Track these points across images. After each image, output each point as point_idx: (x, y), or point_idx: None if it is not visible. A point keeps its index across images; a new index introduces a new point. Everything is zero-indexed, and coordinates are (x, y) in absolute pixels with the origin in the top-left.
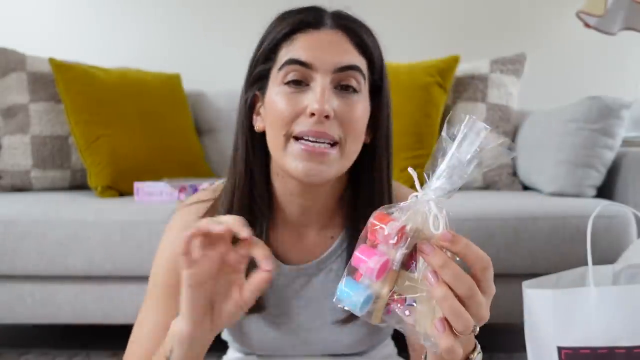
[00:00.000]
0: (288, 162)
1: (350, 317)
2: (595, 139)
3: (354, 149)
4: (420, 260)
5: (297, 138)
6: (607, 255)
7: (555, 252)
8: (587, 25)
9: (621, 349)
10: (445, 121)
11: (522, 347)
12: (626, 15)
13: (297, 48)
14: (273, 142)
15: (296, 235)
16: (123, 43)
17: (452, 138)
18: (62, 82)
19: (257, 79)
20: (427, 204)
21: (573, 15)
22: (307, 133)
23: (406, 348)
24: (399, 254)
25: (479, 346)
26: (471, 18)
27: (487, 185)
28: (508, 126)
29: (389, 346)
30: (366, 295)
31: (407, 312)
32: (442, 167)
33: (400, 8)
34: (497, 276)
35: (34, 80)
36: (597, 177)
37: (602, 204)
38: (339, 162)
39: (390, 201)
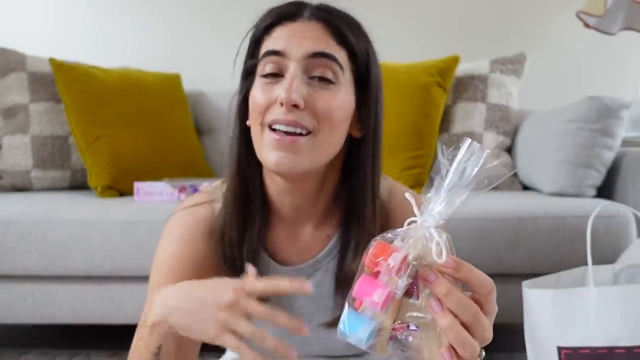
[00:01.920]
0: (264, 153)
1: None
2: (595, 139)
3: (331, 141)
4: (422, 286)
5: (271, 128)
6: (607, 255)
7: (555, 252)
8: (587, 25)
9: (621, 349)
10: (440, 143)
11: (522, 347)
12: (626, 15)
13: (274, 39)
14: (253, 134)
15: (292, 235)
16: (123, 43)
17: (450, 160)
18: (62, 82)
19: (246, 75)
20: (427, 230)
21: (573, 15)
22: (280, 121)
23: None
24: (401, 284)
25: (483, 352)
26: (471, 18)
27: None
28: (508, 126)
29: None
30: (371, 330)
31: (410, 338)
32: (441, 191)
33: (400, 8)
34: (497, 276)
35: (34, 80)
36: (597, 177)
37: (602, 204)
38: (312, 152)
39: (374, 200)
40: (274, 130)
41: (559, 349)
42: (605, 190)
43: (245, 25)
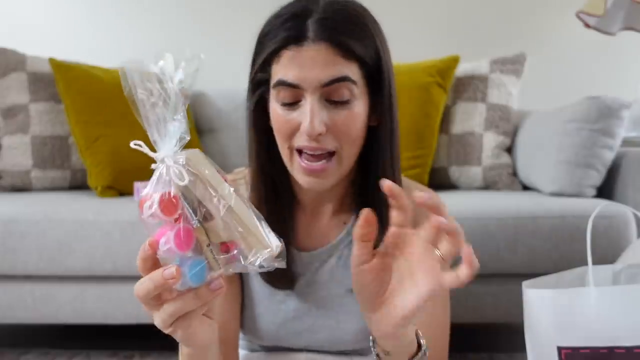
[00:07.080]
0: (295, 174)
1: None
2: (595, 139)
3: (353, 152)
4: (200, 208)
5: (299, 150)
6: (607, 255)
7: (555, 252)
8: (587, 25)
9: (621, 349)
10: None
11: (522, 347)
12: (626, 15)
13: (283, 67)
14: (281, 151)
15: (311, 220)
16: (123, 43)
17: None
18: (62, 82)
19: (259, 84)
20: (164, 165)
21: (573, 15)
22: (305, 148)
23: None
24: (187, 215)
25: (424, 346)
26: (471, 18)
27: (487, 185)
28: (508, 126)
29: None
30: (200, 266)
31: (236, 251)
32: (165, 129)
33: (400, 8)
34: (497, 276)
35: (34, 80)
36: (597, 177)
37: (602, 204)
38: (338, 170)
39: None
40: (301, 152)
41: (559, 349)
42: (605, 190)
43: (245, 25)
